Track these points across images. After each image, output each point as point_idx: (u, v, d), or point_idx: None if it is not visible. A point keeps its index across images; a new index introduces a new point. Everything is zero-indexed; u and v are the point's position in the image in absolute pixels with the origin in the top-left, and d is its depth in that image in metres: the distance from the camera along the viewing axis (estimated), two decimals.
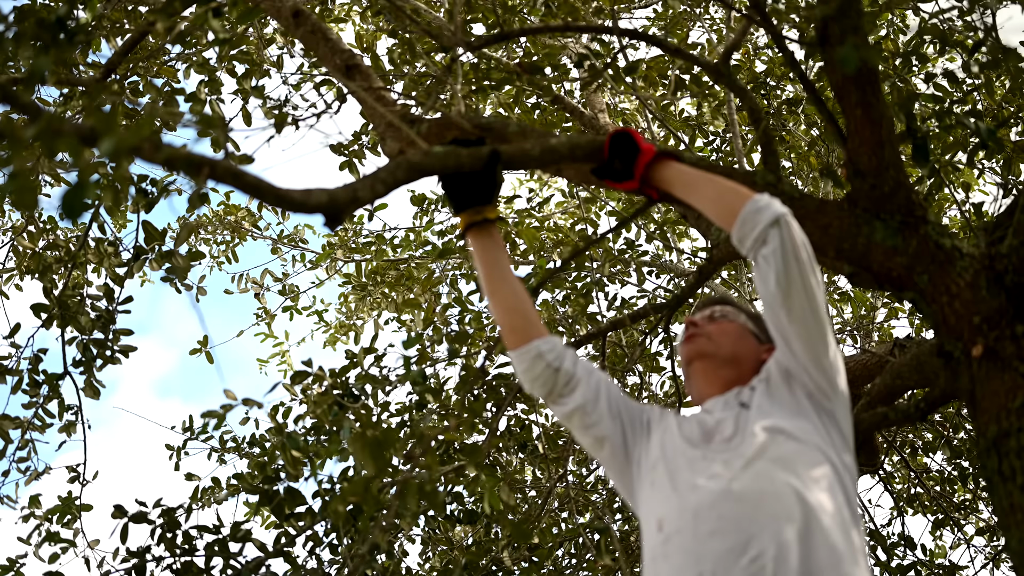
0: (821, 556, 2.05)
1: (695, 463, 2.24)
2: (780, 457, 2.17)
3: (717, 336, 2.51)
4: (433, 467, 3.25)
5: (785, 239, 2.23)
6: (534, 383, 2.43)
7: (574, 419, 2.41)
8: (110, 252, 4.01)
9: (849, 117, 2.60)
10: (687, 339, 2.53)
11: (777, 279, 2.24)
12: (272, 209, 2.34)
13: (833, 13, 2.50)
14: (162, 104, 2.95)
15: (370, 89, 3.42)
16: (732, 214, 2.31)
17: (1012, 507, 2.29)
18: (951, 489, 4.72)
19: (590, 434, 2.41)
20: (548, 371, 2.40)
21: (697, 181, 2.42)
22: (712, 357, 2.49)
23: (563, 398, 2.40)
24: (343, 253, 7.27)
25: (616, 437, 2.41)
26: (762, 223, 2.25)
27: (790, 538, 2.06)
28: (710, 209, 2.39)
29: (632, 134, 2.53)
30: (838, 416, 2.31)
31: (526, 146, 2.64)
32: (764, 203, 2.28)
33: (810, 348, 2.27)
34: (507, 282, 2.48)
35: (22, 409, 3.90)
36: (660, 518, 2.20)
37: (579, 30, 3.69)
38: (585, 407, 2.39)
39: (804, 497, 2.11)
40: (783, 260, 2.23)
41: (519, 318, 2.45)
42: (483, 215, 2.50)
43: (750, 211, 2.26)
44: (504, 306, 2.46)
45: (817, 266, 2.26)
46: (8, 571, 3.49)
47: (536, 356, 2.40)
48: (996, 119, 3.96)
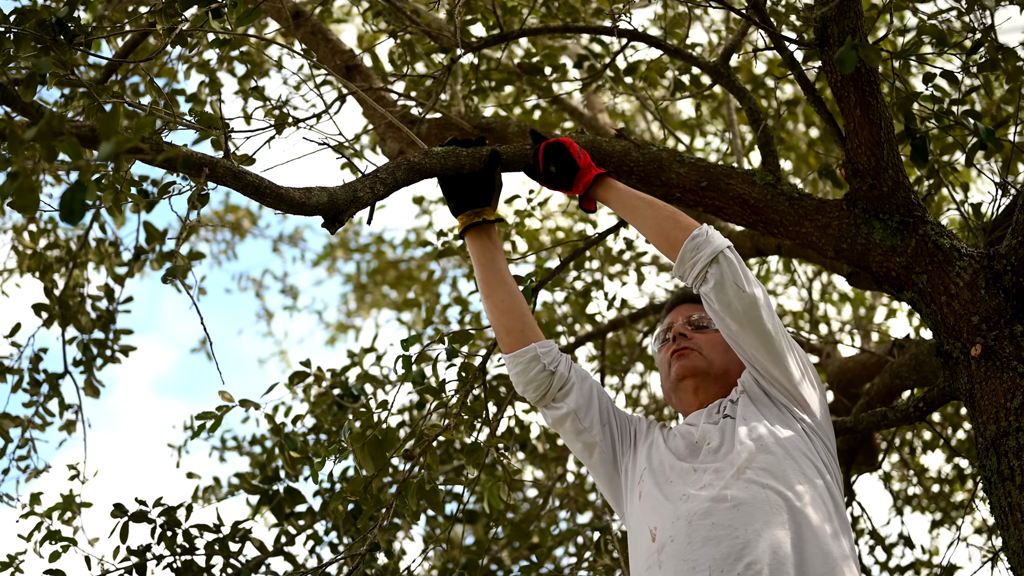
0: (816, 562, 2.06)
1: (685, 474, 2.24)
2: (769, 465, 2.18)
3: (708, 351, 2.49)
4: (433, 467, 3.25)
5: (725, 275, 2.21)
6: (528, 386, 2.43)
7: (566, 424, 2.41)
8: (110, 252, 4.01)
9: (848, 117, 2.60)
10: (678, 354, 2.50)
11: (722, 315, 2.24)
12: (273, 212, 2.34)
13: (832, 14, 2.51)
14: (163, 105, 2.95)
15: (370, 89, 3.42)
16: (672, 246, 2.30)
17: (1011, 507, 2.30)
18: (950, 489, 4.73)
19: (581, 440, 2.42)
20: (544, 374, 2.40)
21: (637, 206, 2.40)
22: (705, 374, 2.48)
23: (556, 402, 2.41)
24: (343, 253, 7.28)
25: (605, 444, 2.41)
26: (701, 261, 2.23)
27: (784, 545, 2.07)
28: (651, 235, 2.38)
29: (568, 147, 2.50)
30: (817, 426, 2.32)
31: (526, 146, 2.65)
32: (702, 239, 2.25)
33: (774, 369, 2.28)
34: (504, 284, 2.47)
35: (22, 408, 3.91)
36: (653, 527, 2.20)
37: (579, 31, 3.69)
38: (577, 412, 2.40)
39: (794, 504, 2.12)
40: (724, 296, 2.22)
41: (515, 320, 2.45)
42: (482, 216, 2.50)
43: (689, 248, 2.25)
44: (500, 307, 2.46)
45: (761, 292, 2.25)
46: (8, 568, 3.50)
47: (532, 358, 2.41)
48: (995, 119, 3.97)
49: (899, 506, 4.65)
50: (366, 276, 7.10)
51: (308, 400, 3.56)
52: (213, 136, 2.45)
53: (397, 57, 3.89)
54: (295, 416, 3.57)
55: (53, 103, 3.38)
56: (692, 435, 2.35)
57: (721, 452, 2.26)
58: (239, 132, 2.99)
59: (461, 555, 4.20)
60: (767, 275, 5.33)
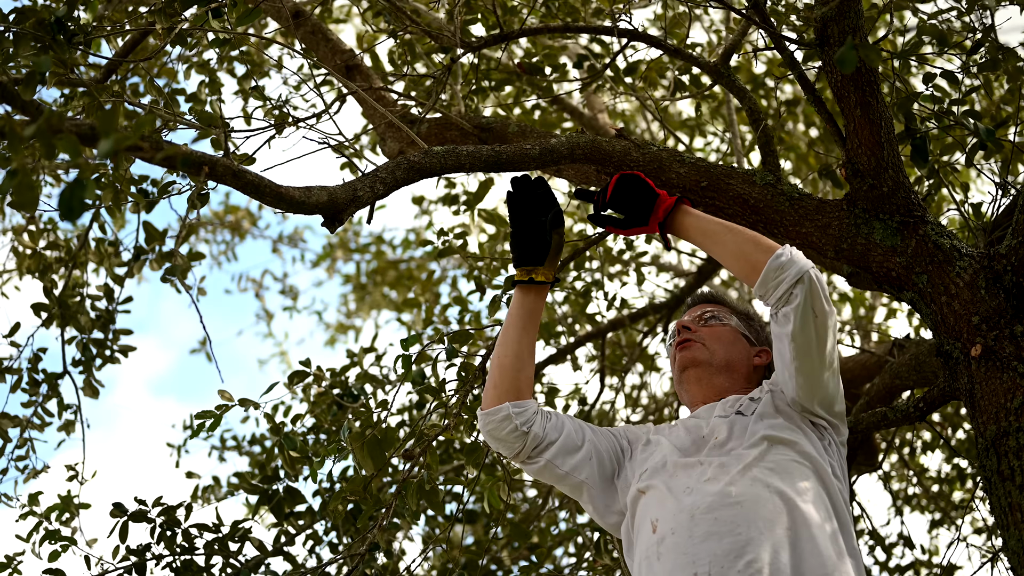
0: (811, 563, 2.06)
1: (689, 468, 2.24)
2: (778, 466, 2.18)
3: (711, 342, 2.50)
4: (433, 467, 3.25)
5: (808, 296, 2.19)
6: (500, 444, 2.41)
7: (545, 474, 2.41)
8: (110, 252, 4.01)
9: (848, 117, 2.60)
10: (681, 346, 2.51)
11: (793, 335, 2.22)
12: (273, 210, 2.33)
13: (832, 14, 2.51)
14: (162, 105, 2.95)
15: (370, 89, 3.42)
16: (753, 269, 2.26)
17: (1011, 507, 2.30)
18: (949, 489, 4.73)
19: (565, 484, 2.42)
20: (515, 434, 2.38)
21: (716, 231, 2.36)
22: (707, 365, 2.48)
23: (532, 459, 2.40)
24: (343, 253, 7.28)
25: (593, 480, 2.39)
26: (787, 281, 2.21)
27: (783, 544, 2.07)
28: (729, 260, 2.33)
29: (642, 176, 2.44)
30: (837, 433, 2.34)
31: (526, 146, 2.65)
32: (787, 258, 2.23)
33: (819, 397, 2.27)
34: (520, 345, 2.44)
35: (21, 408, 3.90)
36: (654, 519, 2.21)
37: (579, 31, 3.69)
38: (554, 461, 2.38)
39: (795, 504, 2.12)
40: (803, 317, 2.20)
41: (508, 381, 2.41)
42: (529, 276, 2.48)
43: (773, 267, 2.22)
44: (502, 363, 2.44)
45: (834, 315, 2.25)
46: (6, 569, 3.50)
47: (504, 418, 2.38)
48: (995, 119, 3.97)
49: (899, 506, 4.65)
50: (366, 276, 7.10)
51: (308, 400, 3.55)
52: (213, 135, 2.45)
53: (397, 57, 3.89)
54: (295, 416, 3.57)
55: (53, 102, 3.37)
56: (700, 429, 2.35)
57: (727, 447, 2.26)
58: (239, 132, 2.99)
59: (461, 555, 4.20)
60: None
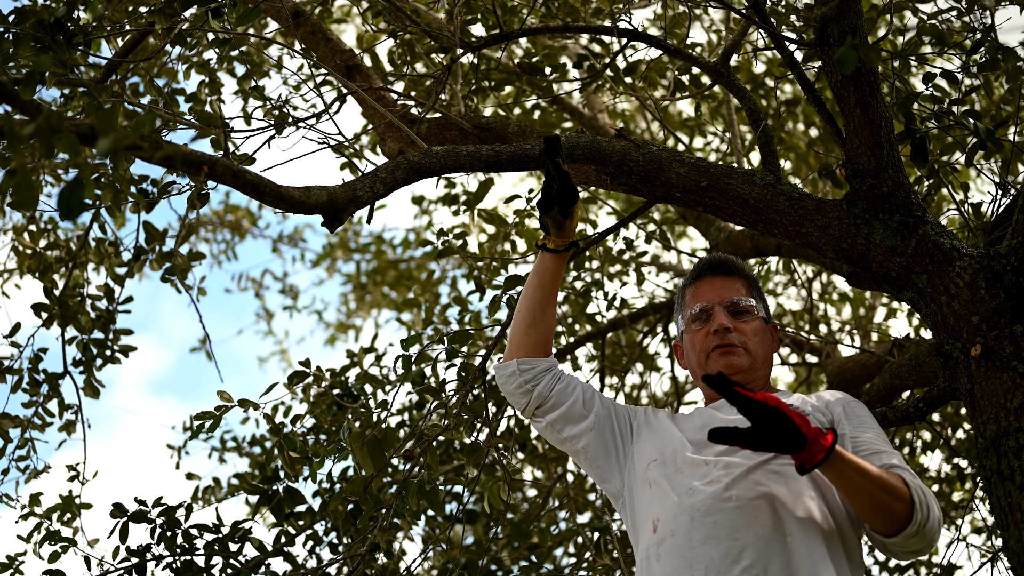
0: (807, 569, 2.07)
1: (695, 467, 2.24)
2: (782, 468, 2.18)
3: (752, 345, 2.47)
4: (433, 467, 3.25)
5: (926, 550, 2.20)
6: (510, 397, 2.52)
7: (547, 434, 2.50)
8: (110, 252, 4.01)
9: (848, 117, 2.60)
10: (724, 350, 2.44)
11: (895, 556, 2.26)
12: (273, 210, 2.33)
13: (832, 14, 2.51)
14: (162, 105, 2.95)
15: (370, 89, 3.42)
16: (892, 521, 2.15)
17: (1011, 507, 2.30)
18: (949, 489, 4.72)
19: (565, 448, 2.50)
20: (521, 390, 2.48)
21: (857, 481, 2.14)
22: (750, 370, 2.47)
23: (537, 417, 2.49)
24: (343, 253, 7.28)
25: (591, 451, 2.44)
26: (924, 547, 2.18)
27: (779, 550, 2.08)
28: (864, 508, 2.17)
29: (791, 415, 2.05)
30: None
31: (526, 146, 2.65)
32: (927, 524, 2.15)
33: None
34: (532, 302, 2.52)
35: (22, 408, 3.90)
36: (655, 518, 2.21)
37: (579, 30, 3.69)
38: (555, 425, 2.46)
39: (794, 510, 2.13)
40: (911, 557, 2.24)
41: (518, 337, 2.51)
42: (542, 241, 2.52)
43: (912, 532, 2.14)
44: (515, 320, 2.53)
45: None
46: (7, 569, 3.50)
47: (512, 373, 2.48)
48: (995, 119, 3.97)
49: None
50: (366, 276, 7.10)
51: (308, 400, 3.55)
52: (213, 135, 2.45)
53: (397, 57, 3.89)
54: (294, 416, 3.57)
55: (53, 102, 3.38)
56: (717, 421, 2.35)
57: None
58: (239, 132, 2.99)
59: (461, 555, 4.20)
60: (767, 275, 5.33)
